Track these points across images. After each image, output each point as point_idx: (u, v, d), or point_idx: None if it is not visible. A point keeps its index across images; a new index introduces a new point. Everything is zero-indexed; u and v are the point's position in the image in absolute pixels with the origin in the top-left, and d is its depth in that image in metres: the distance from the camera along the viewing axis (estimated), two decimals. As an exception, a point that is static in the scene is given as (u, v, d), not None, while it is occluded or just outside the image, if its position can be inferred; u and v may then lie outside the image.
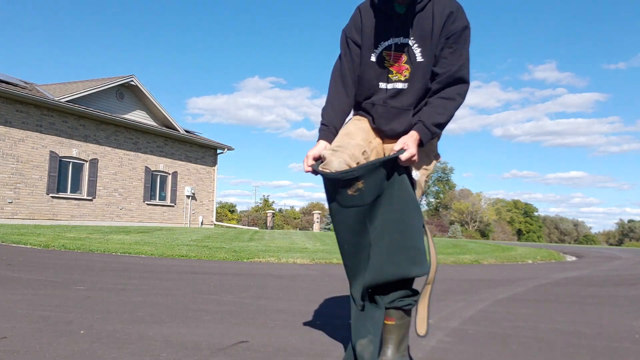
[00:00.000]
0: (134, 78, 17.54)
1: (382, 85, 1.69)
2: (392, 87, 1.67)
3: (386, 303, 1.59)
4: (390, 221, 1.56)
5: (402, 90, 1.66)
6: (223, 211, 39.53)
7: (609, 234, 71.18)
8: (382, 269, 1.56)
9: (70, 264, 5.05)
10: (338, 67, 1.77)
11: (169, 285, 3.76)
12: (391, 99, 1.67)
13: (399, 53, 1.65)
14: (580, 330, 2.60)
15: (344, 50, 1.75)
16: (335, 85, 1.76)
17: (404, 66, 1.66)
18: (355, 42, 1.72)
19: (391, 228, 1.56)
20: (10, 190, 13.77)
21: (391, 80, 1.67)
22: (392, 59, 1.66)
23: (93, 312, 2.56)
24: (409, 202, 1.56)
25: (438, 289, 4.24)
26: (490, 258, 8.77)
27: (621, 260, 11.01)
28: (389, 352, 1.61)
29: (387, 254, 1.56)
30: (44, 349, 1.85)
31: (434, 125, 1.61)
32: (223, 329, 2.31)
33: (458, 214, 49.28)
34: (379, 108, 1.67)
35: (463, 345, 2.17)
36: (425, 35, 1.63)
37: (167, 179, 19.45)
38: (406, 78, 1.66)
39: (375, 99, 1.71)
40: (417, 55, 1.64)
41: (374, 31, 1.68)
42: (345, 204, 1.57)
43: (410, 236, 1.55)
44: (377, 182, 1.54)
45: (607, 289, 4.73)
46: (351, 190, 1.54)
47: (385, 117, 1.69)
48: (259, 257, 6.68)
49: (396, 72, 1.66)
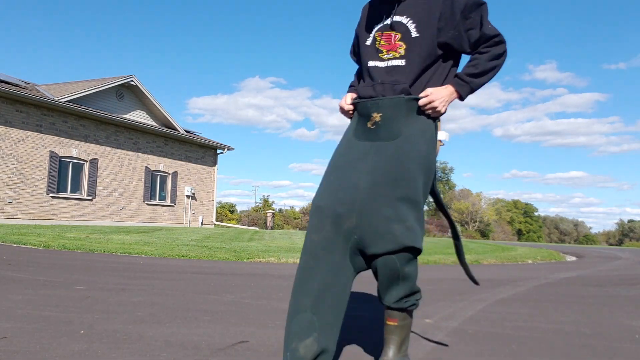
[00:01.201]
0: (134, 78, 17.54)
1: (371, 63, 1.70)
2: (385, 65, 1.66)
3: (391, 302, 1.54)
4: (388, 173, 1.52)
5: (400, 67, 1.64)
6: (223, 211, 39.53)
7: (609, 234, 71.10)
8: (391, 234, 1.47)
9: (70, 264, 5.05)
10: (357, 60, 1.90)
11: (169, 285, 3.76)
12: (388, 76, 1.65)
13: (390, 32, 1.67)
14: (580, 330, 2.60)
15: (355, 44, 1.88)
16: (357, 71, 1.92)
17: (398, 43, 1.65)
18: (356, 34, 1.83)
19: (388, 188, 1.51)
20: (10, 190, 13.77)
21: (383, 59, 1.67)
22: (382, 38, 1.69)
23: (93, 312, 2.56)
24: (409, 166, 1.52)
25: (438, 289, 4.23)
26: (490, 258, 8.76)
27: (621, 260, 11.01)
28: (390, 352, 1.59)
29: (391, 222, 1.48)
30: (44, 349, 1.85)
31: (467, 75, 1.63)
32: (223, 329, 2.31)
33: (458, 214, 49.27)
34: (377, 87, 1.66)
35: (463, 345, 2.17)
36: (420, 11, 1.64)
37: (167, 179, 19.45)
38: (401, 55, 1.64)
39: (371, 79, 1.71)
40: (412, 31, 1.63)
41: (372, 17, 1.75)
42: (359, 136, 1.65)
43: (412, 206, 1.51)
44: (394, 121, 1.59)
45: (607, 289, 4.73)
46: (370, 123, 1.62)
47: (382, 94, 1.65)
48: (259, 257, 6.68)
49: (389, 50, 1.66)
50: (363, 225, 1.49)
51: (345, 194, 1.53)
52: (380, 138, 1.59)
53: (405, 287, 1.53)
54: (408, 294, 1.54)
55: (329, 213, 1.52)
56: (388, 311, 1.59)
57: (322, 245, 1.51)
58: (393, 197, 1.49)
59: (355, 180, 1.54)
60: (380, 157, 1.56)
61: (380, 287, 1.54)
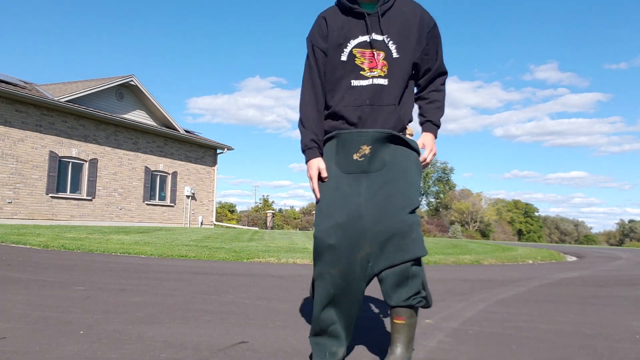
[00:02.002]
0: (134, 78, 17.53)
1: (354, 82, 1.68)
2: (369, 84, 1.67)
3: (400, 301, 1.60)
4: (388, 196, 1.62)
5: (384, 86, 1.67)
6: (223, 211, 39.53)
7: (609, 234, 71.00)
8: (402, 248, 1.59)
9: (69, 264, 5.04)
10: (308, 76, 1.76)
11: (169, 286, 3.75)
12: (375, 97, 1.67)
13: (373, 50, 1.67)
14: (580, 331, 2.59)
15: (312, 60, 1.75)
16: (308, 96, 1.75)
17: (382, 62, 1.67)
18: (321, 49, 1.73)
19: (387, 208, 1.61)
20: (10, 190, 13.76)
21: (366, 77, 1.67)
22: (365, 56, 1.68)
23: (92, 313, 2.55)
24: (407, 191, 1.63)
25: (439, 289, 4.23)
26: (490, 258, 8.76)
27: (622, 260, 11.00)
28: (398, 350, 1.63)
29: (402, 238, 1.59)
30: (44, 349, 1.84)
31: (439, 121, 1.81)
32: (223, 329, 2.30)
33: (458, 214, 49.19)
34: (365, 108, 1.67)
35: (463, 345, 2.17)
36: (400, 33, 1.68)
37: (167, 179, 19.44)
38: (385, 74, 1.67)
39: (355, 99, 1.68)
40: (393, 52, 1.67)
41: (343, 31, 1.69)
42: (345, 169, 1.67)
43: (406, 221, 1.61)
44: (381, 153, 1.65)
45: (607, 289, 4.73)
46: (357, 155, 1.65)
47: (372, 117, 1.67)
48: (259, 258, 6.67)
49: (372, 68, 1.67)
50: (375, 252, 1.60)
51: (354, 228, 1.60)
52: (370, 170, 1.65)
53: (413, 286, 1.60)
54: (416, 292, 1.61)
55: (342, 249, 1.60)
56: (395, 309, 1.63)
57: (342, 277, 1.61)
58: (397, 219, 1.59)
59: (357, 213, 1.60)
60: (376, 185, 1.63)
61: (389, 289, 1.60)
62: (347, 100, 1.69)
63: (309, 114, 1.73)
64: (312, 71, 1.75)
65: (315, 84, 1.74)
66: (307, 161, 1.72)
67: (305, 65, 1.78)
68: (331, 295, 1.63)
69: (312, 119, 1.72)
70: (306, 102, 1.75)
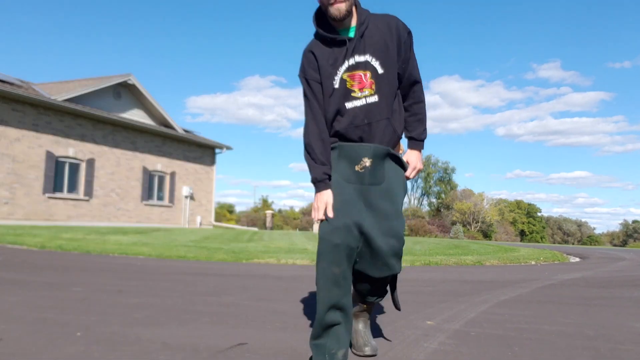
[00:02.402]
0: (132, 77, 17.49)
1: (348, 105, 1.79)
2: (363, 103, 1.78)
3: (372, 300, 1.98)
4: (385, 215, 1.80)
5: (376, 102, 1.79)
6: (222, 211, 39.51)
7: (613, 235, 70.93)
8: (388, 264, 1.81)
9: (67, 265, 5.01)
10: (309, 110, 1.84)
11: (167, 287, 3.73)
12: (369, 115, 1.79)
13: (357, 71, 1.78)
14: (583, 332, 2.58)
15: (308, 93, 1.82)
16: (312, 128, 1.82)
17: (370, 81, 1.78)
18: (316, 80, 1.82)
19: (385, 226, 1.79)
20: (6, 190, 13.70)
21: (357, 98, 1.79)
22: (354, 78, 1.79)
23: (90, 314, 2.53)
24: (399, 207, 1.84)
25: (440, 290, 4.21)
26: (492, 259, 8.75)
27: (625, 261, 10.99)
28: (360, 325, 2.02)
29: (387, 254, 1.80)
30: (40, 351, 1.82)
31: (422, 134, 1.94)
32: (222, 330, 2.28)
33: (460, 214, 49.12)
34: (364, 127, 1.79)
35: (465, 347, 2.15)
36: (380, 49, 1.79)
37: (165, 179, 19.40)
38: (375, 91, 1.79)
39: (352, 121, 1.79)
40: (378, 69, 1.79)
41: (331, 61, 1.79)
42: (347, 179, 1.80)
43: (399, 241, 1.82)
44: (380, 167, 1.81)
45: (611, 290, 4.71)
46: (358, 167, 1.79)
47: (371, 134, 1.81)
48: (258, 258, 6.65)
49: (362, 88, 1.79)
50: (366, 254, 1.79)
51: (356, 232, 1.76)
52: (369, 182, 1.80)
53: (383, 290, 1.97)
54: (383, 293, 1.99)
55: (344, 248, 1.73)
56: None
57: (342, 276, 1.75)
58: (389, 234, 1.78)
59: (360, 221, 1.76)
60: (373, 199, 1.79)
61: (363, 290, 1.95)
62: (345, 123, 1.80)
63: (314, 146, 1.80)
64: (312, 104, 1.82)
65: (316, 116, 1.82)
66: (317, 192, 1.79)
67: (304, 100, 1.86)
68: (335, 295, 1.73)
69: (319, 150, 1.80)
70: (310, 134, 1.82)
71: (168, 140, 19.44)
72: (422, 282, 4.78)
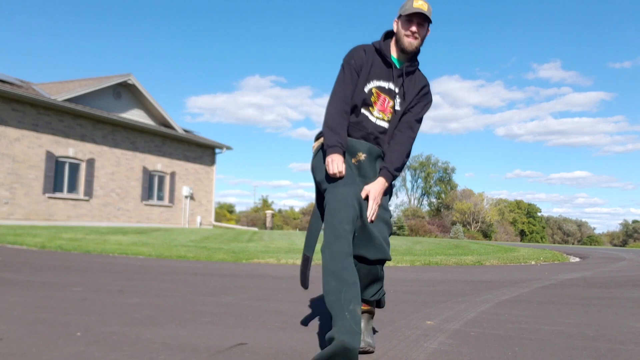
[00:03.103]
0: (132, 77, 17.49)
1: (365, 112, 2.04)
2: (374, 122, 2.04)
3: (369, 297, 2.03)
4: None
5: (385, 128, 2.06)
6: (222, 211, 39.50)
7: (612, 235, 70.86)
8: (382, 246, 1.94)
9: (66, 265, 5.01)
10: (341, 89, 2.02)
11: (167, 287, 3.73)
12: (375, 130, 2.04)
13: (387, 96, 2.04)
14: (583, 332, 2.58)
15: (347, 76, 2.02)
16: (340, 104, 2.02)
17: (388, 109, 2.05)
18: (357, 72, 2.03)
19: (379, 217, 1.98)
20: (6, 190, 13.70)
21: (372, 115, 2.04)
22: (378, 98, 2.04)
23: (90, 314, 2.53)
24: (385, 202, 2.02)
25: (440, 290, 4.21)
26: (492, 259, 8.75)
27: (625, 261, 10.99)
28: (362, 324, 1.99)
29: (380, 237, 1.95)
30: (40, 351, 1.82)
31: (394, 170, 2.02)
32: (221, 331, 2.28)
33: (460, 214, 49.05)
34: (366, 136, 2.05)
35: (465, 347, 2.15)
36: (407, 94, 2.06)
37: (165, 179, 19.40)
38: (388, 119, 2.06)
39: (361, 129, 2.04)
40: (397, 105, 2.05)
41: (373, 68, 2.03)
42: (349, 167, 1.99)
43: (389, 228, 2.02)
44: (372, 165, 2.04)
45: (611, 291, 4.71)
46: (354, 159, 2.02)
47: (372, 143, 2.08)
48: (258, 258, 6.65)
49: (380, 110, 2.04)
50: (362, 238, 1.92)
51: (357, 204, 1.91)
52: (361, 175, 2.01)
53: (379, 284, 2.05)
54: (380, 288, 2.06)
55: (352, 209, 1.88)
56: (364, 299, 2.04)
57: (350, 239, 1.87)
58: (379, 219, 1.97)
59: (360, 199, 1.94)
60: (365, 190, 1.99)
61: (361, 286, 1.95)
62: (354, 127, 2.04)
63: (335, 117, 1.99)
64: (346, 86, 2.02)
65: (346, 96, 2.01)
66: (329, 155, 1.95)
67: (337, 80, 2.05)
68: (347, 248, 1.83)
69: (339, 122, 1.98)
70: (335, 106, 2.00)
71: (168, 140, 19.43)
72: (422, 282, 4.78)
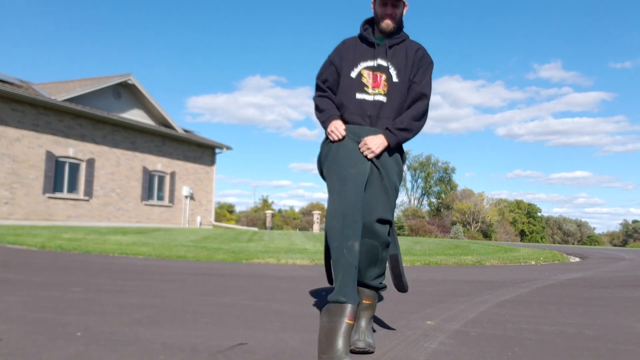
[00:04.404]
0: (132, 77, 17.49)
1: (358, 96, 2.10)
2: (372, 99, 2.09)
3: (369, 280, 2.07)
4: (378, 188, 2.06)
5: (383, 102, 2.09)
6: (222, 211, 39.51)
7: (613, 235, 70.81)
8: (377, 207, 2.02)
9: (66, 265, 5.01)
10: (318, 78, 2.25)
11: (167, 287, 3.72)
12: (375, 110, 2.09)
13: (377, 72, 2.11)
14: (583, 333, 2.57)
15: (327, 65, 2.22)
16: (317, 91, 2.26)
17: (384, 83, 2.11)
18: (334, 64, 2.20)
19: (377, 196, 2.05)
20: (6, 190, 13.70)
21: (369, 93, 2.10)
22: (370, 76, 2.11)
23: (89, 314, 2.52)
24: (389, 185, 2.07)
25: (440, 290, 4.21)
26: (492, 259, 8.74)
27: (625, 261, 10.99)
28: (363, 324, 2.05)
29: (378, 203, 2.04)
30: (40, 351, 1.82)
31: (395, 129, 2.07)
32: (221, 331, 2.28)
33: (460, 214, 49.03)
34: (365, 118, 2.10)
35: (465, 347, 2.14)
36: (401, 64, 2.13)
37: (165, 179, 19.39)
38: (385, 92, 2.10)
39: (361, 110, 2.10)
40: (394, 76, 2.11)
41: (355, 54, 2.15)
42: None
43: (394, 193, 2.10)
44: None
45: (611, 291, 4.71)
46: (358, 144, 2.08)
47: (373, 124, 2.11)
48: (258, 258, 6.65)
49: (375, 87, 2.10)
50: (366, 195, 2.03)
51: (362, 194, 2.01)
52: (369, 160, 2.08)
53: (380, 268, 2.08)
54: (381, 274, 2.09)
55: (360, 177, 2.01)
56: (363, 290, 2.09)
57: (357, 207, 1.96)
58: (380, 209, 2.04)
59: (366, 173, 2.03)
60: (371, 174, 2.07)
61: (362, 267, 2.03)
62: (353, 111, 2.11)
63: (320, 104, 2.21)
64: (322, 74, 2.23)
65: (321, 79, 2.23)
66: (328, 123, 2.11)
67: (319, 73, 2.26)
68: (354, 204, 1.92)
69: (324, 105, 2.18)
70: (318, 96, 2.23)
71: (168, 140, 19.43)
72: (422, 282, 4.78)
